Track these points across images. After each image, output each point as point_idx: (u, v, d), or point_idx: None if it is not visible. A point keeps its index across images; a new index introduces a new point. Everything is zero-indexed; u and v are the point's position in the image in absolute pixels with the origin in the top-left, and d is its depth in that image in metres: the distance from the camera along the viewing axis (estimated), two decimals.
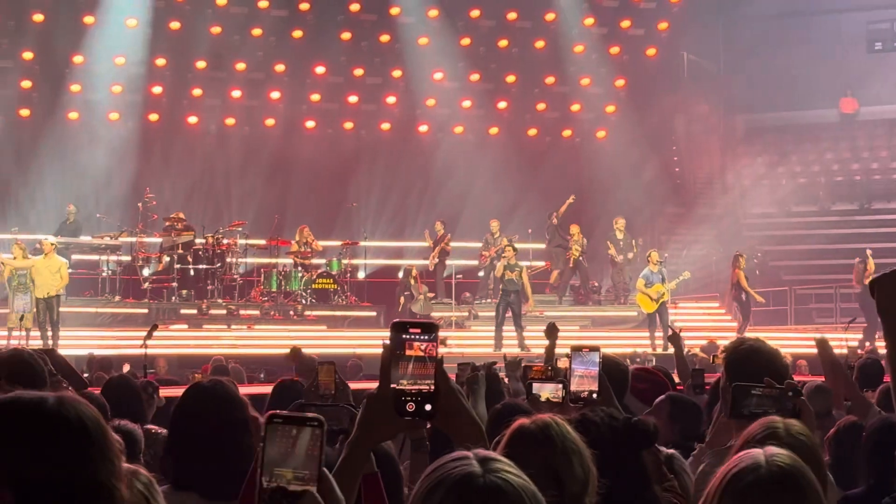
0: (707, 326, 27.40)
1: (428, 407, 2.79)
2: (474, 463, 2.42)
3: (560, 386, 4.75)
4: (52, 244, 23.75)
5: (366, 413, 2.82)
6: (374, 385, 2.93)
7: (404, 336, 2.81)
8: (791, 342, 21.74)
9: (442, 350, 2.68)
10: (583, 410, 3.81)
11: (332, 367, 6.16)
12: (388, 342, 2.82)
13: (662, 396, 6.96)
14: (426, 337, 2.81)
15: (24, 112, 30.37)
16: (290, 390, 7.22)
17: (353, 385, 6.56)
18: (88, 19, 29.99)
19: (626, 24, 33.32)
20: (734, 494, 2.90)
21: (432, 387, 2.80)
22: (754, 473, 2.90)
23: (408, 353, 2.81)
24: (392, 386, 2.79)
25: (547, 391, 4.83)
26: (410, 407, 2.79)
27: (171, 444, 4.83)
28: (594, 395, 4.40)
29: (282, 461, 2.46)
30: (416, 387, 2.79)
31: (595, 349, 4.54)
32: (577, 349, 4.53)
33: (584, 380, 4.47)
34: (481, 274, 28.77)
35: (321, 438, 2.46)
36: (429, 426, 2.89)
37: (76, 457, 2.64)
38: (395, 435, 2.90)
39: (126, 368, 14.31)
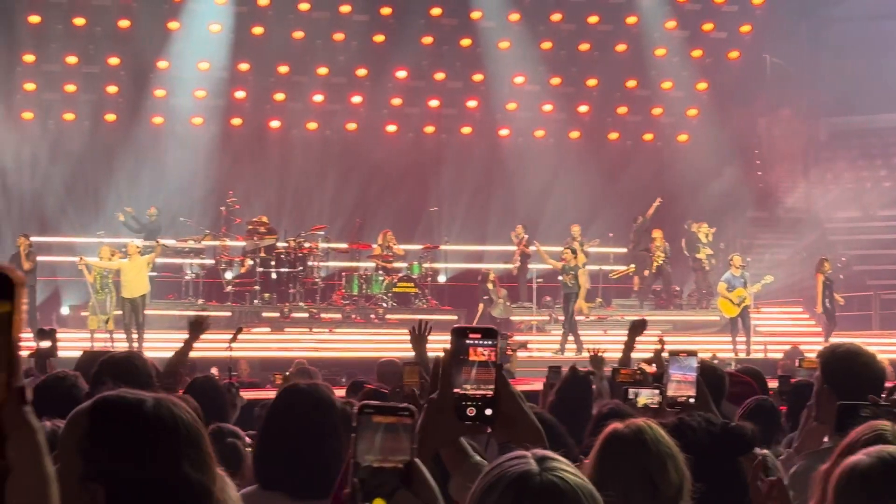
0: (790, 331, 27.15)
1: (488, 411, 2.80)
2: (532, 462, 2.44)
3: (657, 391, 4.72)
4: (138, 247, 24.07)
5: (426, 418, 2.83)
6: None
7: (465, 341, 2.81)
8: (877, 348, 21.44)
9: (522, 354, 2.67)
10: (680, 415, 3.79)
11: (416, 368, 6.17)
12: (448, 347, 2.83)
13: (749, 400, 6.91)
14: (487, 342, 2.81)
15: (110, 117, 30.73)
16: (373, 398, 7.23)
17: None
18: (173, 25, 30.33)
19: (708, 26, 33.09)
20: (860, 487, 2.87)
21: (493, 391, 2.80)
22: (885, 465, 2.88)
23: (469, 358, 2.81)
24: (455, 391, 2.80)
25: (644, 396, 4.80)
26: (471, 412, 2.80)
27: (260, 445, 4.87)
28: (691, 401, 4.36)
29: (373, 451, 2.47)
30: (478, 391, 2.80)
31: (693, 354, 4.50)
32: (674, 354, 4.50)
33: (682, 385, 4.43)
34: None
35: (412, 428, 2.47)
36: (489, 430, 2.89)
37: (169, 457, 2.68)
38: (455, 439, 2.91)
39: (215, 371, 14.42)
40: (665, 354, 4.76)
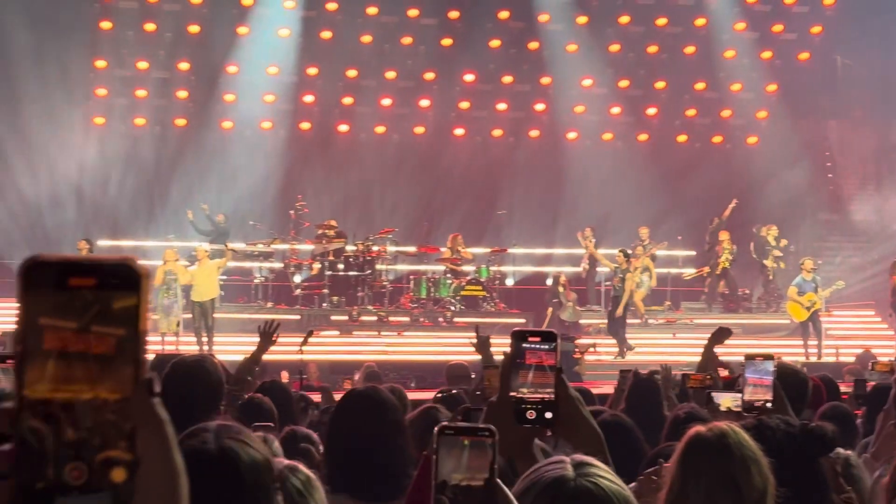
0: (862, 335, 26.88)
1: (548, 415, 2.81)
2: (568, 467, 2.47)
3: (739, 395, 4.70)
4: (207, 251, 24.25)
5: (486, 421, 2.83)
6: None
7: (524, 345, 2.82)
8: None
9: (590, 357, 2.67)
10: (759, 417, 3.76)
11: (497, 371, 6.18)
12: (507, 351, 2.84)
13: (825, 405, 6.85)
14: (546, 346, 2.81)
15: (180, 121, 31.00)
16: (455, 401, 7.21)
17: None
18: (242, 30, 30.53)
19: (778, 28, 32.84)
20: None
21: (552, 395, 2.81)
22: None
23: (528, 361, 2.82)
24: (512, 394, 2.80)
25: (727, 400, 4.78)
26: (531, 415, 2.81)
27: (327, 449, 4.91)
28: (768, 405, 4.34)
29: (459, 469, 2.47)
30: (537, 395, 2.81)
31: (769, 357, 4.47)
32: (750, 357, 4.47)
33: (758, 389, 4.41)
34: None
35: (494, 448, 2.47)
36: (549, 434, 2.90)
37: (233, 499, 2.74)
38: (515, 442, 2.91)
39: (285, 377, 14.51)
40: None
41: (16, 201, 28.48)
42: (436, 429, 2.51)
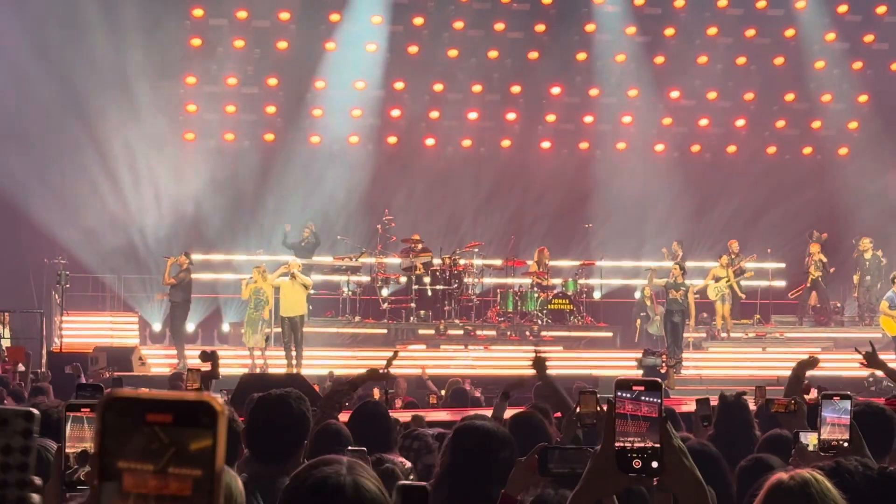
0: None
1: (654, 464, 2.80)
2: None
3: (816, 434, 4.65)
4: (299, 265, 24.36)
5: (590, 468, 2.85)
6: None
7: (628, 394, 2.81)
8: None
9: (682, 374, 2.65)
10: (836, 458, 3.72)
11: (594, 396, 6.09)
12: (611, 400, 2.83)
13: None
14: (650, 397, 2.80)
15: (269, 136, 31.27)
16: (528, 424, 7.12)
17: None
18: (330, 46, 30.74)
19: (869, 38, 32.44)
20: None
21: (657, 444, 2.80)
22: None
23: (632, 411, 2.81)
24: (617, 444, 2.80)
25: (814, 439, 4.74)
26: (637, 464, 2.80)
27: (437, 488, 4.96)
28: (845, 444, 4.30)
29: None
30: (642, 444, 2.80)
31: (847, 397, 4.43)
32: (827, 397, 4.44)
33: (836, 428, 4.37)
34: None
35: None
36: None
37: None
38: (620, 490, 2.93)
39: (377, 394, 14.52)
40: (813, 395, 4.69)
41: (110, 215, 28.85)
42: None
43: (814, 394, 9.90)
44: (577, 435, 6.53)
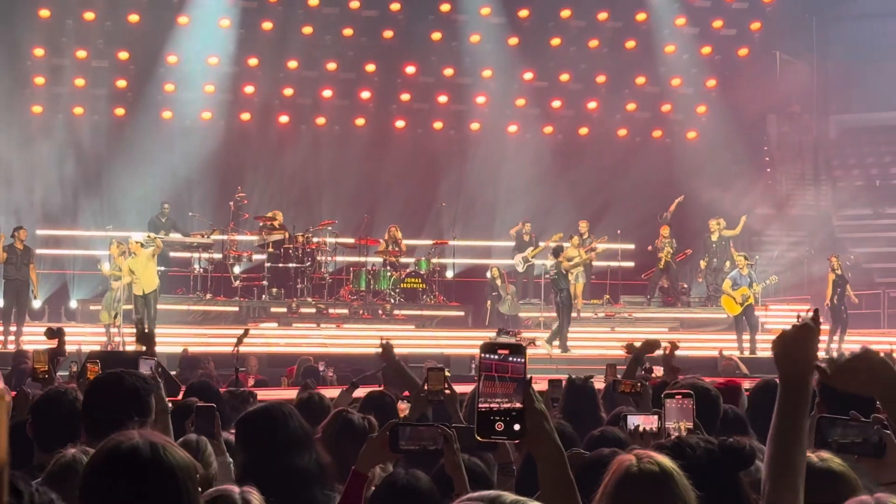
0: None
1: (517, 427, 2.83)
2: None
3: (656, 418, 4.77)
4: (138, 242, 23.79)
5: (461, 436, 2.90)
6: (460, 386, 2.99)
7: (495, 356, 2.84)
8: (885, 346, 21.42)
9: (531, 352, 2.71)
10: (678, 435, 3.81)
11: (441, 373, 6.17)
12: (477, 361, 2.88)
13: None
14: (516, 358, 2.84)
15: (120, 111, 30.76)
16: (380, 403, 7.16)
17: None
18: (182, 20, 30.32)
19: (717, 24, 33.05)
20: None
21: (520, 405, 2.83)
22: None
23: (498, 373, 2.84)
24: (482, 406, 2.83)
25: (641, 423, 4.86)
26: (499, 426, 2.83)
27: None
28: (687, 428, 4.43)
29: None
30: (509, 404, 2.83)
31: (689, 395, 4.58)
32: (669, 395, 4.58)
33: (679, 415, 4.50)
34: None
35: None
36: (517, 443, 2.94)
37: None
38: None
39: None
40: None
41: None
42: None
43: (659, 372, 10.07)
44: (424, 413, 6.56)
